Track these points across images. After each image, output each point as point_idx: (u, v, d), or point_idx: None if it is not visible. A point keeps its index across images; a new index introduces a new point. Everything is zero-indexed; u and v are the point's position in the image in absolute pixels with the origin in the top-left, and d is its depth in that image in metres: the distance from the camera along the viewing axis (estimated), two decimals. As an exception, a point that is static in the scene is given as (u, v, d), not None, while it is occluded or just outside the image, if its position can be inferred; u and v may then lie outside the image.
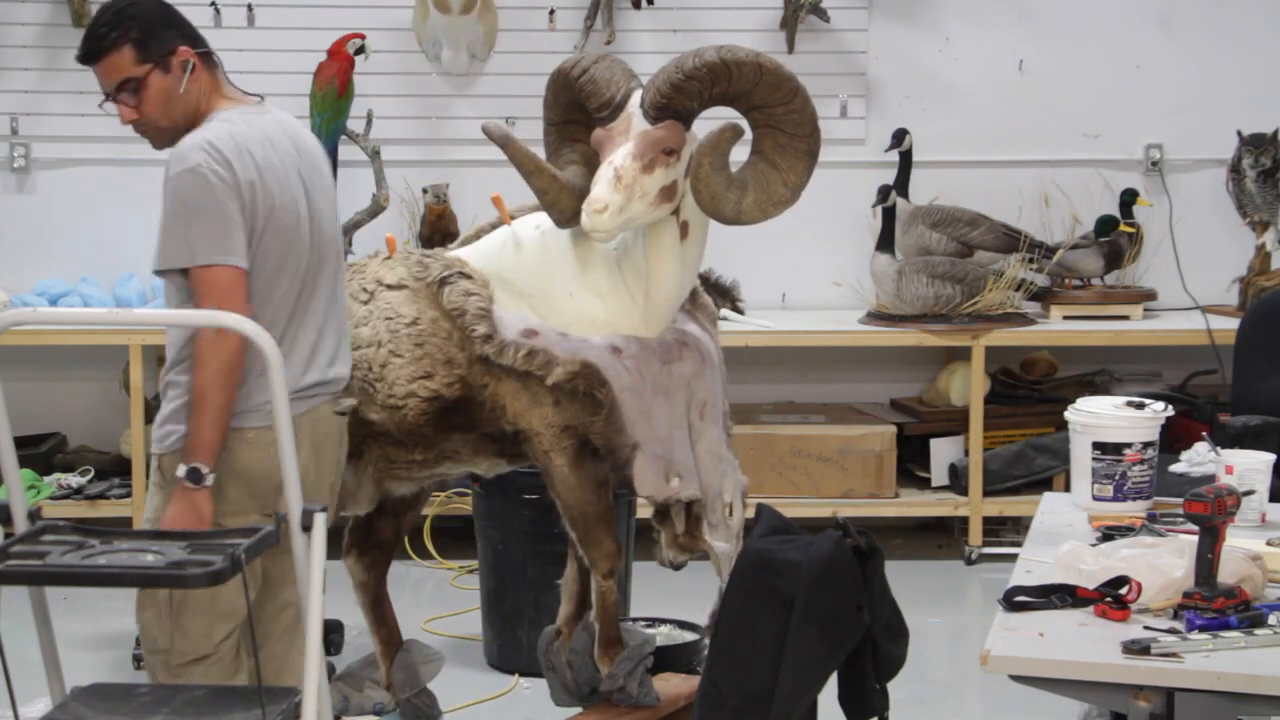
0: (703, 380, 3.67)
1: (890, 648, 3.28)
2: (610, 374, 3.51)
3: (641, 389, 3.54)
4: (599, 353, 3.53)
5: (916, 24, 6.73)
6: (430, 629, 5.52)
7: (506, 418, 3.58)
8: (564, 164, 3.64)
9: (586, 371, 3.49)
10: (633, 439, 3.51)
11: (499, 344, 3.51)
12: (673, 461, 3.56)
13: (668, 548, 3.65)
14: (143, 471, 6.18)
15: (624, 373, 3.53)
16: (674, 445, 3.58)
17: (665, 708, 3.78)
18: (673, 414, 3.60)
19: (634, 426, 3.52)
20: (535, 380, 3.54)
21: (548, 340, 3.53)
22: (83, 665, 4.98)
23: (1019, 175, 6.66)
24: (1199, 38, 6.74)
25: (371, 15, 6.52)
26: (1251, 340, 5.45)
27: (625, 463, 3.52)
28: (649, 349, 3.59)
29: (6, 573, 2.77)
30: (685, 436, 3.62)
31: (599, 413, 3.50)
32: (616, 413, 3.50)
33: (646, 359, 3.57)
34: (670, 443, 3.57)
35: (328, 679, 3.26)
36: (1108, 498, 3.99)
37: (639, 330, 3.61)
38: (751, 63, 3.44)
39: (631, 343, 3.58)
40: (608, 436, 3.52)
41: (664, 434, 3.57)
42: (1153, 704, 2.99)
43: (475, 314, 3.52)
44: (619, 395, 3.50)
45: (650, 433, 3.54)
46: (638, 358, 3.56)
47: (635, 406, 3.52)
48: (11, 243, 6.63)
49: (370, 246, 5.01)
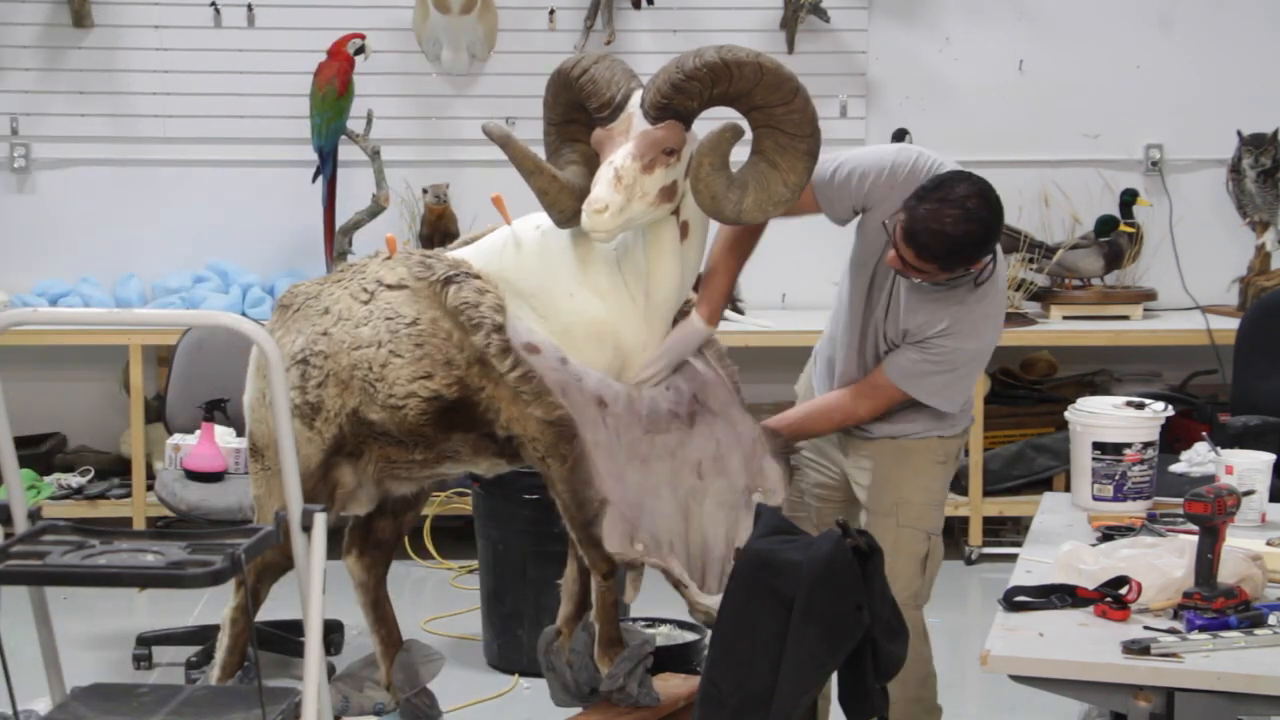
0: (696, 441, 3.65)
1: (890, 648, 3.28)
2: (588, 426, 3.50)
3: (615, 450, 3.53)
4: (584, 403, 3.52)
5: (916, 24, 6.74)
6: (430, 629, 5.52)
7: (500, 422, 3.57)
8: (564, 164, 3.64)
9: (561, 424, 3.48)
10: (601, 494, 3.50)
11: (504, 343, 3.50)
12: (639, 527, 3.55)
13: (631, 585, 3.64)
14: (143, 471, 6.18)
15: (602, 429, 3.52)
16: (643, 512, 3.56)
17: (665, 708, 3.77)
18: (647, 482, 3.58)
19: (604, 483, 3.51)
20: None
21: (547, 363, 3.52)
22: (83, 665, 4.98)
23: (1019, 175, 6.65)
24: (1199, 38, 6.75)
25: (371, 15, 6.52)
26: (1251, 340, 5.46)
27: (594, 517, 3.50)
28: (634, 413, 3.57)
29: (6, 573, 2.77)
30: (665, 506, 3.60)
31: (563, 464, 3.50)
32: (583, 465, 3.49)
33: (629, 423, 3.56)
34: (639, 509, 3.55)
35: (328, 679, 3.26)
36: (1108, 498, 3.99)
37: (639, 330, 3.61)
38: (752, 63, 3.44)
39: (619, 400, 3.56)
40: (573, 486, 3.51)
41: (634, 499, 3.55)
42: (1153, 704, 3.00)
43: (492, 307, 3.52)
44: (591, 449, 3.50)
45: (621, 495, 3.53)
46: (620, 419, 3.55)
47: (607, 464, 3.51)
48: (11, 243, 6.64)
49: (370, 246, 5.01)
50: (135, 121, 6.64)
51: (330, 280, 3.78)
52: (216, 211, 6.68)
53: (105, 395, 6.68)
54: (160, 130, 6.64)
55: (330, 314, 3.67)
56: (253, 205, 6.66)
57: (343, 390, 3.63)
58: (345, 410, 3.63)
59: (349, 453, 3.68)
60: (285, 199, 6.59)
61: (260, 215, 6.66)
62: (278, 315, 3.79)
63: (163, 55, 6.60)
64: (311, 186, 6.37)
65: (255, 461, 3.79)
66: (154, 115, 6.63)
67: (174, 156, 6.67)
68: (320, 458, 3.65)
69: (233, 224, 6.67)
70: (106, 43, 6.59)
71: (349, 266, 3.79)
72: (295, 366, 3.65)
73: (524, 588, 5.12)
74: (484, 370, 3.55)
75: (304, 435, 3.62)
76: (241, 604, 3.81)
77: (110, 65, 6.61)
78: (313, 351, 3.65)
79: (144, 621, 5.58)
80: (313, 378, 3.64)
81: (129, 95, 6.62)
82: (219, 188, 6.69)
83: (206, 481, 5.21)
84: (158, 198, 6.69)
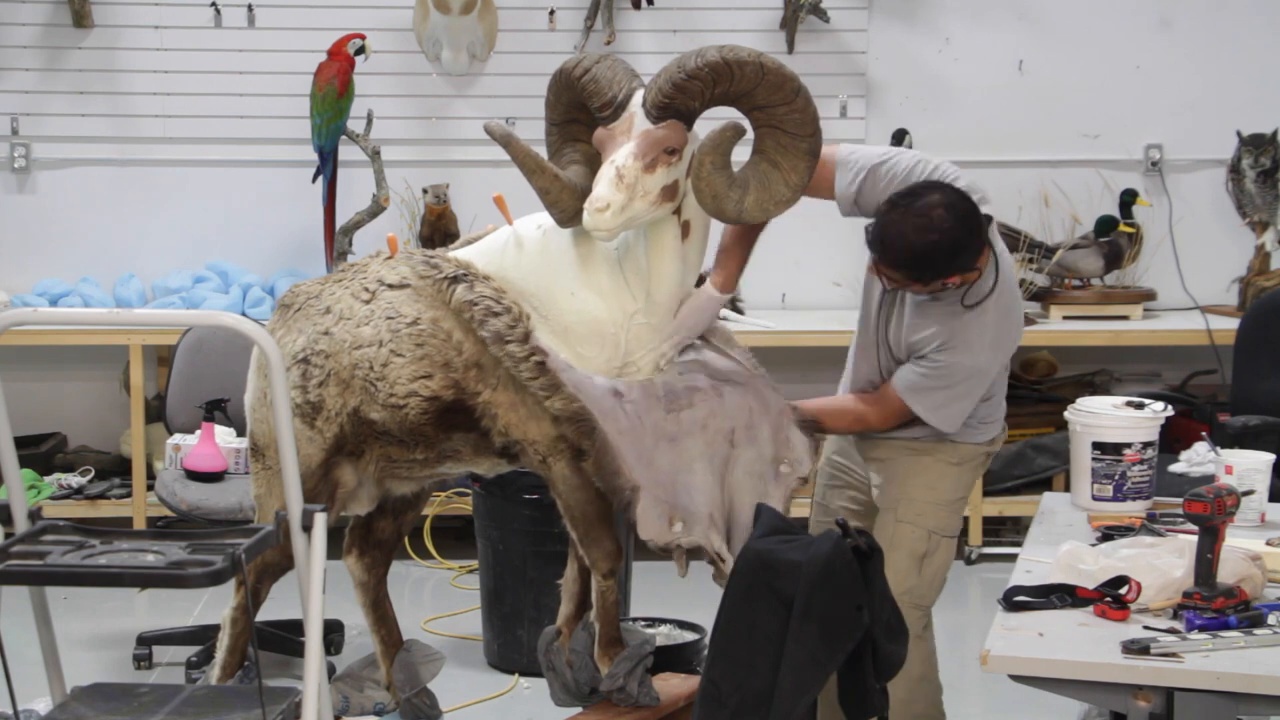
0: (726, 411, 3.65)
1: (890, 648, 3.28)
2: (609, 417, 3.50)
3: (641, 434, 3.53)
4: (600, 395, 3.52)
5: (916, 24, 6.73)
6: (430, 629, 5.52)
7: (498, 428, 3.57)
8: (566, 164, 3.64)
9: (579, 417, 3.47)
10: (632, 481, 3.49)
11: (526, 332, 3.50)
12: (677, 506, 3.55)
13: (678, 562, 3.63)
14: (143, 471, 6.19)
15: (623, 416, 3.52)
16: (678, 490, 3.56)
17: (665, 708, 3.77)
18: (680, 460, 3.57)
19: (633, 470, 3.50)
20: (532, 395, 3.53)
21: (556, 364, 3.52)
22: (83, 665, 4.99)
23: (1019, 175, 6.66)
24: (1199, 38, 6.75)
25: (371, 15, 6.52)
26: (1251, 340, 5.46)
27: (627, 505, 3.50)
28: (652, 396, 3.57)
29: (6, 573, 2.77)
30: (700, 480, 3.59)
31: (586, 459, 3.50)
32: (608, 455, 3.48)
33: (649, 406, 3.56)
34: (674, 488, 3.56)
35: (328, 679, 3.27)
36: (1107, 498, 3.99)
37: (640, 330, 3.61)
38: (753, 63, 3.44)
39: (634, 388, 3.56)
40: (604, 478, 3.51)
41: (667, 479, 3.54)
42: (1152, 704, 3.00)
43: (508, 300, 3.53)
44: (616, 438, 3.49)
45: (653, 478, 3.52)
46: (638, 404, 3.55)
47: (634, 451, 3.51)
48: (11, 243, 6.64)
49: (370, 246, 5.02)
50: (135, 121, 6.64)
51: (331, 280, 3.78)
52: (216, 211, 6.68)
53: (105, 395, 6.68)
54: (160, 130, 6.64)
55: (331, 313, 3.68)
56: (253, 205, 6.66)
57: (344, 390, 3.63)
58: (346, 410, 3.63)
59: (350, 452, 3.69)
60: (285, 199, 6.59)
61: (260, 215, 6.66)
62: (279, 315, 3.79)
63: (163, 55, 6.60)
64: (311, 186, 6.37)
65: (256, 461, 3.79)
66: (154, 115, 6.63)
67: (174, 156, 6.67)
68: (321, 457, 3.66)
69: (233, 224, 6.67)
70: (106, 43, 6.59)
71: (350, 266, 3.79)
72: (296, 366, 3.66)
73: (524, 588, 5.12)
74: (480, 375, 3.55)
75: (305, 435, 3.62)
76: (242, 604, 3.81)
77: (110, 65, 6.61)
78: (314, 351, 3.65)
79: (144, 621, 5.58)
80: (314, 377, 3.64)
81: (129, 95, 6.62)
82: (219, 188, 6.69)
83: (206, 481, 5.21)
84: (158, 198, 6.69)
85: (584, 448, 3.48)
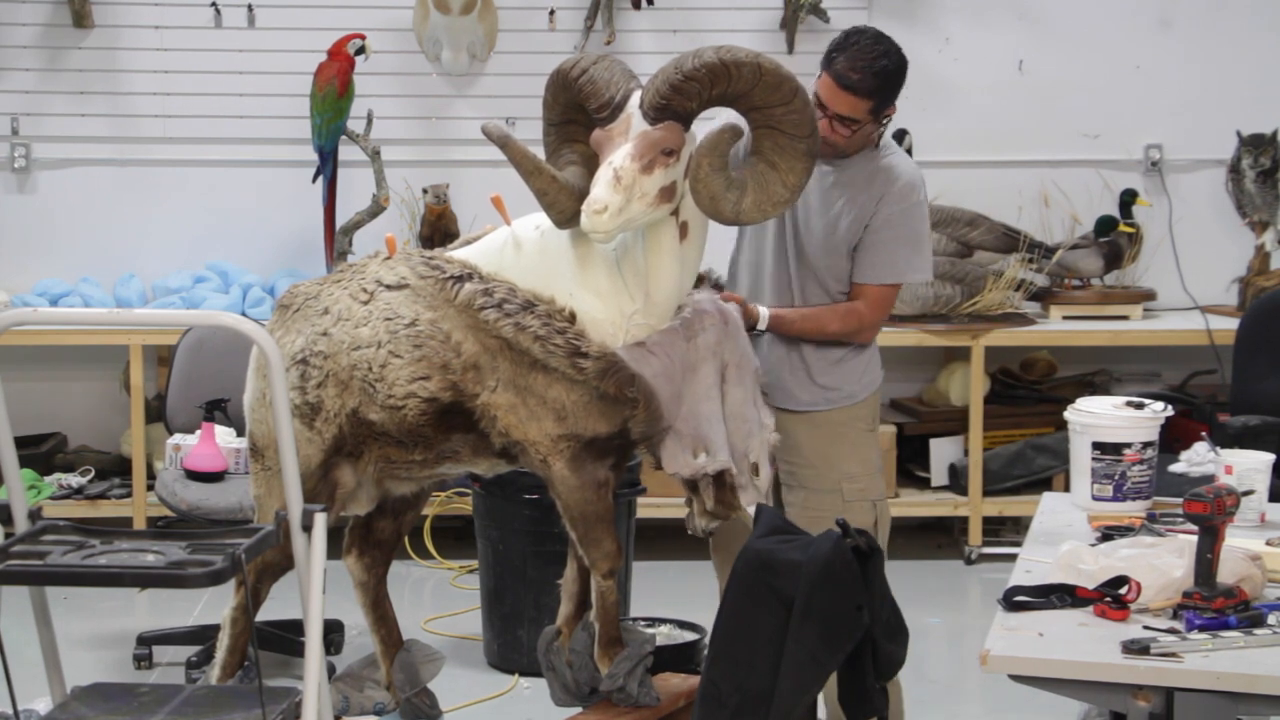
0: (728, 343, 3.68)
1: (890, 647, 3.28)
2: (640, 364, 3.51)
3: (673, 371, 3.56)
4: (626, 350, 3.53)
5: (916, 24, 6.73)
6: (430, 629, 5.52)
7: (497, 429, 3.57)
8: (563, 165, 3.64)
9: (615, 368, 3.47)
10: (668, 422, 3.54)
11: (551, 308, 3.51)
12: (700, 436, 3.58)
13: (699, 516, 3.67)
14: (143, 471, 6.19)
15: (654, 359, 3.53)
16: (701, 420, 3.60)
17: (665, 708, 3.77)
18: (699, 388, 3.61)
19: (669, 410, 3.54)
20: (533, 396, 3.53)
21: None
22: (83, 665, 4.99)
23: (1019, 175, 6.66)
24: (1199, 38, 6.75)
25: (371, 15, 6.52)
26: (1251, 340, 5.46)
27: (657, 444, 3.56)
28: (671, 331, 3.59)
29: (7, 573, 2.77)
30: (715, 407, 3.63)
31: (634, 408, 3.51)
32: (654, 401, 3.51)
33: (671, 341, 3.58)
34: (697, 419, 3.59)
35: (328, 679, 3.27)
36: (1107, 498, 3.99)
37: (638, 332, 3.61)
38: (751, 63, 3.44)
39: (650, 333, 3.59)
40: (648, 426, 3.53)
41: (689, 411, 3.59)
42: (1152, 704, 3.00)
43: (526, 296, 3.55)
44: (653, 382, 3.51)
45: (679, 412, 3.57)
46: (662, 343, 3.57)
47: (668, 390, 3.54)
48: (11, 243, 6.64)
49: (370, 246, 5.02)
50: (135, 121, 6.64)
51: (330, 280, 3.78)
52: (216, 211, 6.69)
53: (105, 395, 6.68)
54: (160, 130, 6.64)
55: (330, 314, 3.68)
56: (253, 205, 6.66)
57: (342, 390, 3.63)
58: (345, 410, 3.64)
59: (349, 453, 3.69)
60: (285, 199, 6.60)
61: (260, 215, 6.66)
62: (278, 315, 3.79)
63: (163, 55, 6.60)
64: (311, 186, 6.37)
65: (255, 461, 3.79)
66: (154, 115, 6.63)
67: (174, 156, 6.67)
68: (320, 458, 3.66)
69: (233, 224, 6.67)
70: (106, 43, 6.59)
71: (349, 267, 3.79)
72: (295, 366, 3.66)
73: (524, 588, 5.12)
74: (478, 376, 3.55)
75: (304, 435, 3.62)
76: (242, 604, 3.82)
77: (110, 65, 6.61)
78: (312, 352, 3.66)
79: (144, 621, 5.58)
80: (312, 378, 3.65)
81: (129, 95, 6.62)
82: (219, 188, 6.69)
83: (206, 481, 5.21)
84: (158, 198, 6.69)
85: (630, 395, 3.48)
